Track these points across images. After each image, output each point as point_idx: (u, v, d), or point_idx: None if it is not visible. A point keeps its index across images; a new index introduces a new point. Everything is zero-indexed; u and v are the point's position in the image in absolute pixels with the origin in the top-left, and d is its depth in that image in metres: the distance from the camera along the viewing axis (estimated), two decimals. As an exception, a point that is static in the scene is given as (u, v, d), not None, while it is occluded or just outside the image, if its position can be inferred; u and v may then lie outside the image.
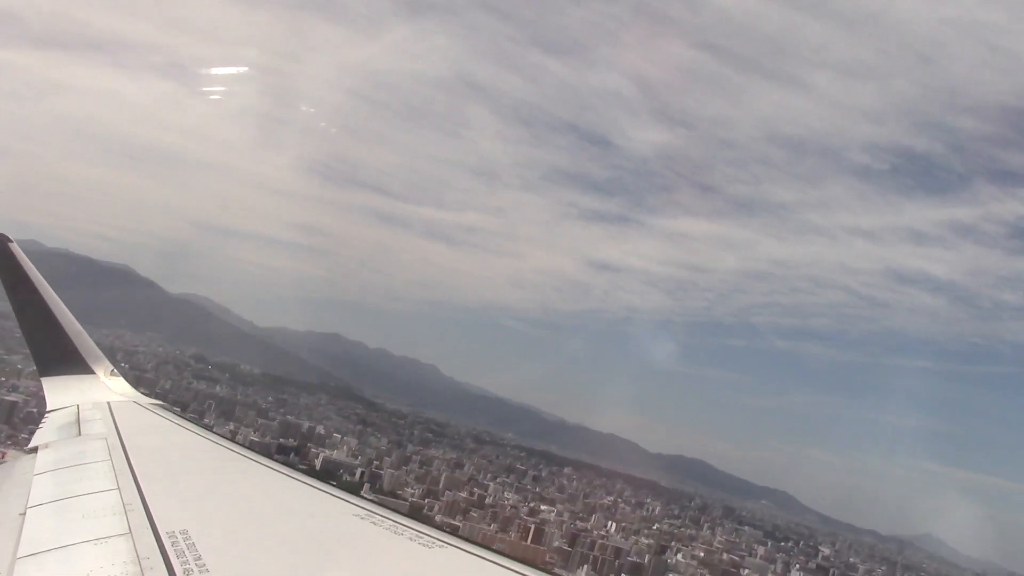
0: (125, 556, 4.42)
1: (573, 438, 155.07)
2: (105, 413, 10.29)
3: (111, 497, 5.85)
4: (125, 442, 8.23)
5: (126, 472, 6.74)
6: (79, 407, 10.73)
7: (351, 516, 5.53)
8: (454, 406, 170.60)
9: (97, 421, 9.79)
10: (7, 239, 12.18)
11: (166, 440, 9.61)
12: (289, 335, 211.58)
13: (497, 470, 72.55)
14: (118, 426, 9.35)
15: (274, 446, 58.65)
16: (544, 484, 71.45)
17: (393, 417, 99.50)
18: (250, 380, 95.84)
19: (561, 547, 51.79)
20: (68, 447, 8.40)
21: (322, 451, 63.27)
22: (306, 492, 6.52)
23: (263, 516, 5.83)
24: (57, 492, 6.36)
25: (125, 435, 8.70)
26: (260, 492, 6.79)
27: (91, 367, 12.35)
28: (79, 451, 7.98)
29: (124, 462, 7.20)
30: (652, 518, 65.62)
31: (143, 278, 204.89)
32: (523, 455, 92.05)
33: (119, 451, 7.76)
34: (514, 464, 77.76)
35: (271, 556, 4.62)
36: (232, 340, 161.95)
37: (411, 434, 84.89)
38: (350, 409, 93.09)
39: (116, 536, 4.81)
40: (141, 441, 8.75)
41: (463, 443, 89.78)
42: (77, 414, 10.30)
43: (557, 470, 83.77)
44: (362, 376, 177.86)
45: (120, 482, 6.32)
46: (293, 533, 5.24)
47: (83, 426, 9.55)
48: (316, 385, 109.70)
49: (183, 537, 4.63)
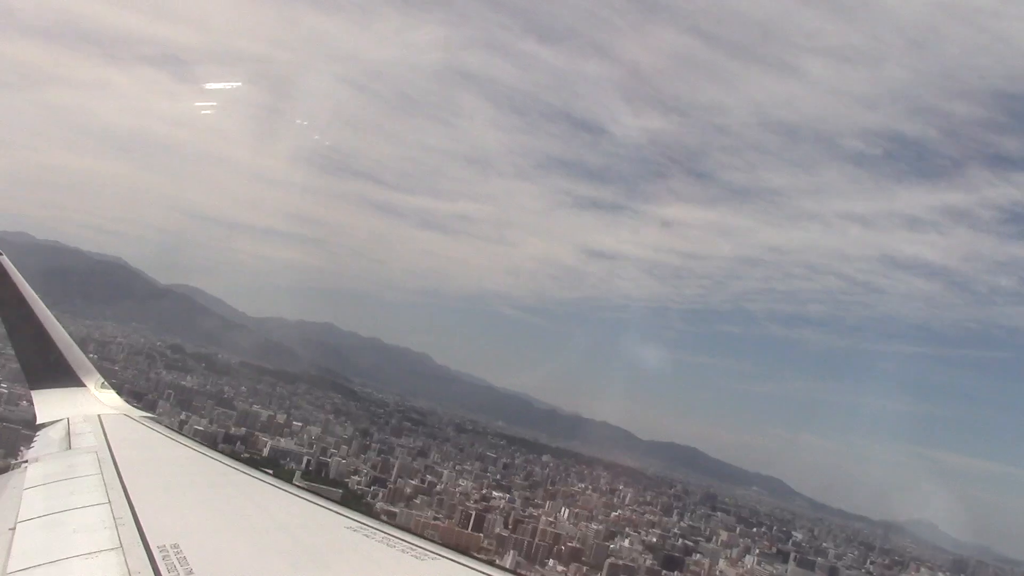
0: (116, 570, 4.44)
1: (564, 426, 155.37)
2: (95, 426, 10.32)
3: (101, 511, 5.86)
4: (116, 455, 8.28)
5: (116, 486, 6.76)
6: (69, 420, 10.76)
7: (343, 528, 5.59)
8: (445, 394, 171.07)
9: (88, 434, 9.82)
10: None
11: (157, 453, 9.66)
12: (282, 325, 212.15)
13: (465, 458, 72.69)
14: (108, 439, 9.40)
15: (220, 435, 58.45)
16: (514, 472, 71.62)
17: (373, 406, 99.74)
18: (226, 370, 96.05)
19: (500, 533, 51.68)
20: (58, 461, 8.44)
21: (271, 440, 63.22)
22: (298, 505, 6.59)
23: (255, 529, 5.85)
24: (47, 506, 6.38)
25: (116, 448, 8.75)
26: (252, 505, 6.82)
27: (81, 380, 12.37)
28: (69, 465, 8.00)
29: (115, 475, 7.23)
30: (616, 505, 65.67)
31: (134, 269, 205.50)
32: (502, 443, 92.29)
33: (109, 464, 7.78)
34: (485, 452, 77.83)
35: (263, 569, 4.65)
36: (219, 330, 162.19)
37: (386, 423, 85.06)
38: (327, 398, 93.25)
39: (107, 550, 4.81)
40: (132, 454, 8.79)
41: (442, 432, 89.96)
42: (68, 427, 10.34)
43: (534, 458, 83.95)
44: (352, 365, 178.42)
45: (111, 496, 6.35)
46: (285, 546, 5.27)
47: (73, 439, 9.59)
48: (298, 374, 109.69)
49: (174, 551, 4.65)
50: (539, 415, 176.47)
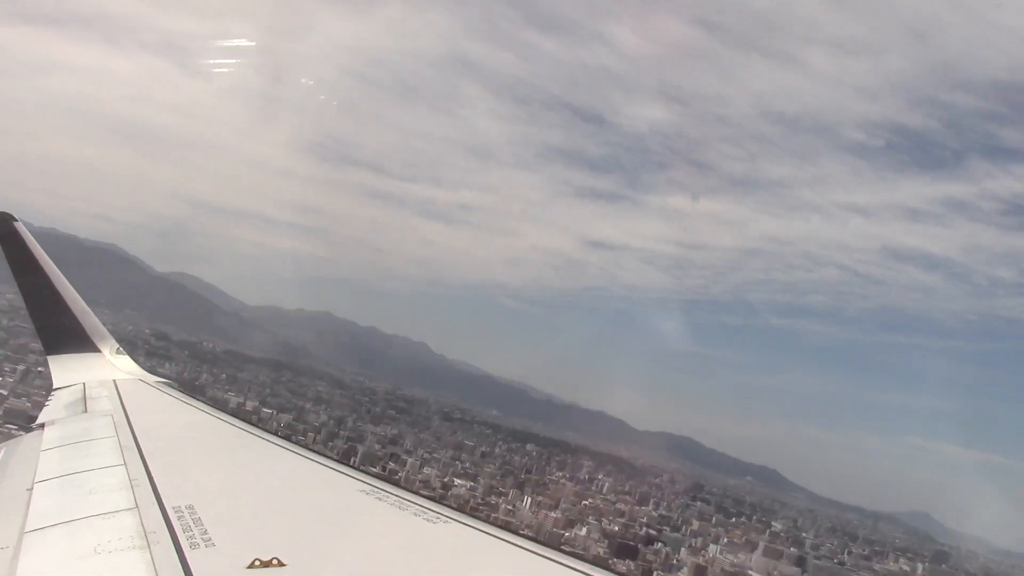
0: (131, 530, 4.52)
1: (559, 416, 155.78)
2: (111, 391, 10.59)
3: (117, 472, 6.00)
4: (131, 419, 8.45)
5: (132, 448, 6.92)
6: (85, 385, 11.07)
7: (356, 491, 5.64)
8: (440, 384, 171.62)
9: (103, 398, 10.08)
10: (12, 218, 12.57)
11: (172, 417, 9.89)
12: (279, 314, 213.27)
13: (440, 446, 72.90)
14: (124, 403, 9.62)
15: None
16: (490, 461, 71.77)
17: (359, 394, 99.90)
18: (210, 358, 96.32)
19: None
20: (74, 424, 8.64)
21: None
22: (311, 468, 6.66)
23: (268, 491, 5.95)
24: (64, 468, 6.54)
25: (131, 412, 8.94)
26: (266, 468, 6.93)
27: (97, 345, 12.69)
28: (85, 428, 8.22)
29: (130, 438, 7.39)
30: (588, 494, 65.86)
31: (130, 256, 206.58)
32: (488, 432, 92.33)
33: (125, 428, 7.98)
34: (464, 441, 77.96)
35: (276, 530, 4.69)
36: (212, 318, 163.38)
37: (367, 411, 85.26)
38: (310, 386, 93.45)
39: (123, 511, 4.92)
40: (147, 418, 8.94)
41: (426, 420, 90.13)
42: (83, 392, 10.62)
43: (517, 446, 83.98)
44: (347, 354, 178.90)
45: (126, 458, 6.50)
46: (298, 508, 5.35)
47: (89, 403, 9.84)
48: (284, 362, 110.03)
49: (189, 512, 4.74)
50: (535, 404, 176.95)
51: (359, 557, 4.35)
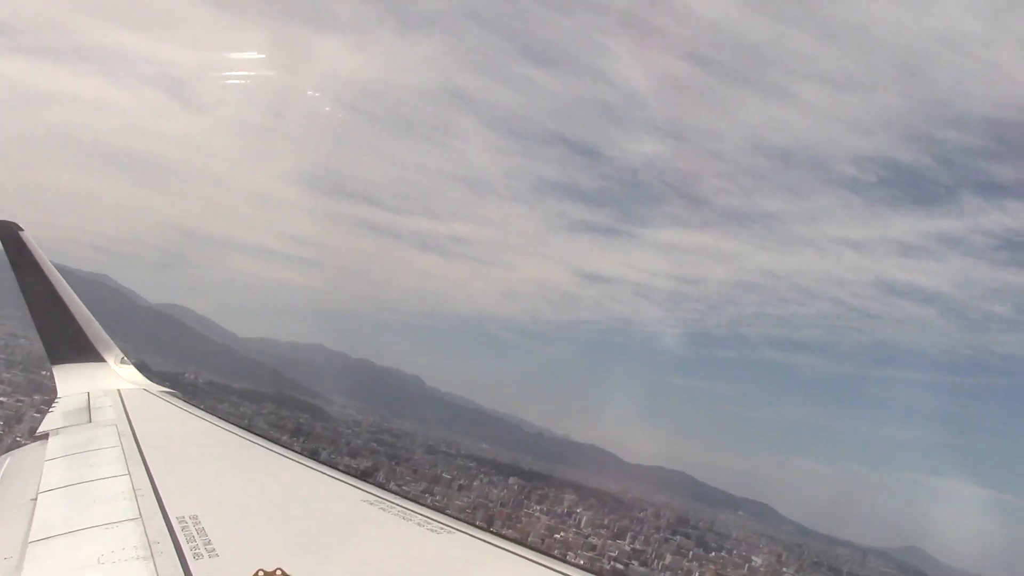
0: (135, 540, 4.56)
1: (550, 449, 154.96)
2: (115, 400, 10.59)
3: (122, 482, 6.02)
4: (135, 428, 8.48)
5: (136, 458, 6.93)
6: (89, 394, 11.05)
7: (360, 502, 5.70)
8: (432, 417, 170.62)
9: (107, 408, 10.05)
10: (17, 227, 12.72)
11: (176, 427, 9.93)
12: (270, 346, 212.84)
13: (416, 479, 72.57)
14: (128, 413, 9.60)
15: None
16: (466, 494, 71.32)
17: (342, 427, 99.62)
18: (190, 389, 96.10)
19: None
20: (78, 433, 8.62)
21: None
22: (316, 478, 6.71)
23: (273, 501, 5.97)
24: (68, 477, 6.53)
25: (135, 422, 8.96)
26: (270, 477, 6.97)
27: (101, 355, 12.75)
28: (89, 437, 8.19)
29: (134, 448, 7.41)
30: (562, 528, 65.38)
31: (122, 287, 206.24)
32: (471, 465, 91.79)
33: (129, 437, 7.99)
34: (441, 474, 77.55)
35: (281, 541, 4.75)
36: (201, 350, 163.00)
37: (348, 443, 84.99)
38: (291, 418, 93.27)
39: (126, 521, 4.95)
40: (151, 428, 9.02)
41: (407, 453, 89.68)
42: (87, 401, 10.60)
43: (499, 480, 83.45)
44: (337, 386, 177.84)
45: (131, 467, 6.52)
46: (303, 518, 5.40)
47: (93, 413, 9.80)
48: (267, 394, 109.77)
49: (193, 522, 4.77)
50: (527, 438, 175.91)
51: (363, 567, 4.38)
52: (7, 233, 12.64)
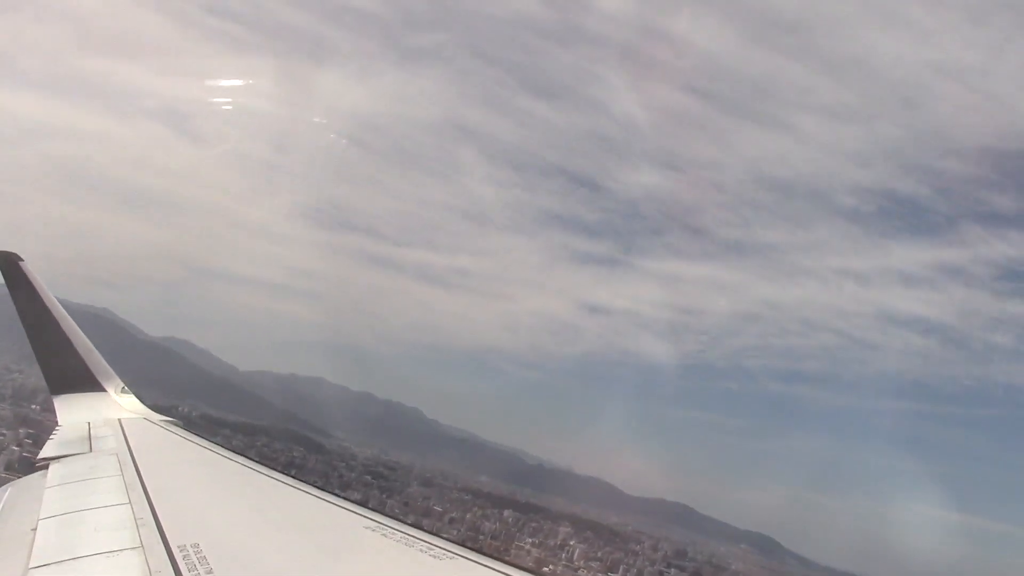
0: (136, 569, 4.58)
1: (550, 481, 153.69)
2: (116, 429, 10.54)
3: (122, 511, 6.02)
4: (136, 457, 8.45)
5: (137, 486, 6.93)
6: (90, 424, 10.98)
7: (362, 528, 5.72)
8: (431, 449, 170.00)
9: (108, 437, 10.02)
10: (17, 257, 12.71)
11: (177, 455, 9.89)
12: (270, 379, 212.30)
13: (406, 512, 72.07)
14: (129, 442, 9.56)
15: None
16: (456, 527, 70.87)
17: (337, 459, 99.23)
18: (184, 423, 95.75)
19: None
20: (79, 462, 8.62)
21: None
22: (317, 505, 6.72)
23: (274, 529, 6.01)
24: (68, 506, 6.54)
25: (136, 450, 8.92)
26: (271, 505, 7.00)
27: (102, 384, 12.67)
28: (90, 466, 8.23)
29: (135, 477, 7.39)
30: (553, 560, 64.92)
31: (122, 321, 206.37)
32: (466, 497, 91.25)
33: (130, 466, 7.97)
34: (432, 507, 77.12)
35: (282, 568, 4.79)
36: (198, 383, 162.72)
37: (340, 476, 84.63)
38: (285, 451, 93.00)
39: (127, 549, 4.96)
40: (152, 456, 8.99)
41: (401, 486, 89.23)
42: (88, 430, 10.54)
43: (493, 513, 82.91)
44: (335, 420, 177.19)
45: (131, 496, 6.50)
46: (304, 545, 5.45)
47: (94, 442, 9.78)
48: (262, 427, 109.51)
49: (194, 550, 4.78)
50: (526, 469, 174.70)
51: None
52: (7, 263, 12.66)
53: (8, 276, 12.60)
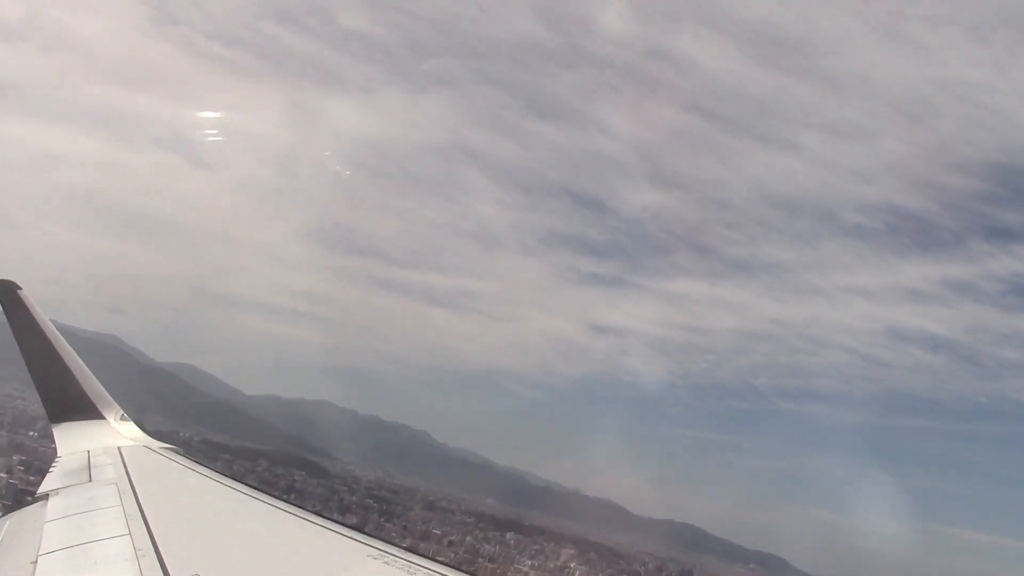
0: None
1: (556, 503, 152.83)
2: (115, 458, 10.58)
3: (122, 543, 6.04)
4: (136, 487, 8.48)
5: (137, 517, 6.96)
6: (89, 452, 10.99)
7: (364, 556, 5.78)
8: (438, 472, 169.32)
9: (107, 466, 10.04)
10: (16, 286, 12.85)
11: (177, 484, 10.01)
12: (276, 403, 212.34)
13: (403, 535, 71.79)
14: (128, 471, 9.59)
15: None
16: (453, 549, 70.48)
17: (339, 483, 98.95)
18: (185, 448, 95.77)
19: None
20: (78, 493, 8.62)
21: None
22: (320, 533, 6.80)
23: (276, 558, 6.06)
24: (68, 539, 6.55)
25: (136, 480, 8.96)
26: (273, 533, 7.07)
27: (101, 412, 12.75)
28: (90, 497, 8.22)
29: (135, 507, 7.42)
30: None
31: (128, 347, 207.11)
32: (469, 520, 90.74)
33: (130, 496, 8.00)
34: (431, 530, 76.69)
35: None
36: (202, 408, 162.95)
37: (340, 500, 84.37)
38: (286, 476, 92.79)
39: None
40: (152, 485, 9.07)
41: (403, 510, 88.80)
42: (87, 459, 10.54)
43: (495, 535, 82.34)
44: (342, 443, 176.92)
45: (131, 527, 6.53)
46: (306, 575, 5.52)
47: (93, 471, 9.78)
48: (263, 451, 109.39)
49: None
50: (534, 492, 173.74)
51: None
52: (5, 292, 12.74)
53: (6, 304, 12.69)
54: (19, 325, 12.58)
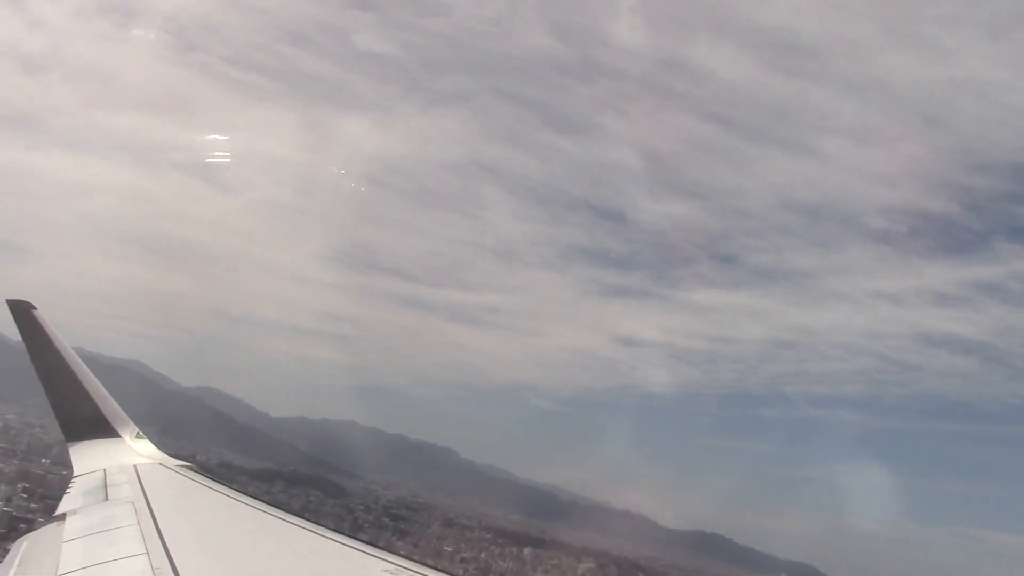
0: None
1: (583, 516, 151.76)
2: (132, 476, 10.74)
3: (140, 562, 6.16)
4: (152, 505, 8.64)
5: (154, 535, 7.10)
6: (106, 471, 11.18)
7: (380, 572, 5.93)
8: (464, 489, 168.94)
9: (124, 485, 10.19)
10: (31, 306, 13.16)
11: (193, 502, 10.18)
12: (302, 424, 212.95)
13: (411, 552, 71.65)
14: (145, 489, 9.75)
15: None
16: (464, 565, 70.28)
17: (356, 502, 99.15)
18: (201, 471, 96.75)
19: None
20: (95, 512, 8.75)
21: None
22: (336, 549, 6.99)
23: (292, 574, 6.23)
24: (86, 559, 6.66)
25: (152, 498, 9.12)
26: (288, 550, 7.20)
27: (117, 431, 12.97)
28: (107, 516, 8.34)
29: (152, 526, 7.55)
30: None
31: (153, 372, 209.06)
32: (488, 536, 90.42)
33: (147, 515, 8.13)
34: (443, 547, 76.56)
35: None
36: (227, 431, 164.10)
37: (355, 519, 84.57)
38: (302, 496, 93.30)
39: None
40: (169, 504, 9.20)
41: (420, 528, 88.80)
42: (104, 478, 10.75)
43: (513, 551, 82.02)
44: (367, 463, 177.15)
45: (149, 546, 6.64)
46: None
47: (110, 490, 9.95)
48: (280, 472, 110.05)
49: None
50: (560, 506, 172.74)
51: None
52: (21, 312, 12.96)
53: (21, 324, 12.90)
54: (34, 344, 12.79)
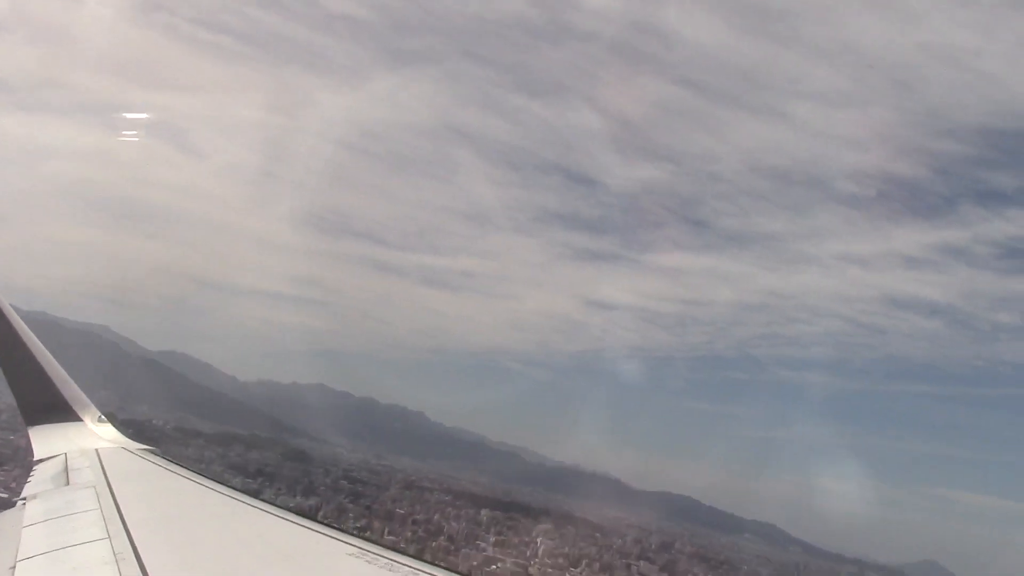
0: None
1: (553, 479, 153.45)
2: (93, 460, 10.62)
3: (102, 547, 6.05)
4: (114, 490, 8.51)
5: (116, 520, 6.98)
6: (67, 455, 11.08)
7: (344, 555, 5.86)
8: (432, 452, 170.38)
9: (85, 469, 10.09)
10: None
11: (156, 486, 10.00)
12: (271, 388, 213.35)
13: (365, 515, 71.89)
14: (107, 473, 9.65)
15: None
16: (415, 527, 70.46)
17: (314, 466, 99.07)
18: (157, 435, 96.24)
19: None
20: (56, 497, 8.66)
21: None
22: (299, 533, 6.86)
23: (257, 560, 6.06)
24: (47, 544, 6.56)
25: (114, 482, 9.01)
26: (254, 535, 7.08)
27: (78, 414, 12.75)
28: (68, 501, 8.23)
29: (114, 510, 7.44)
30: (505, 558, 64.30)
31: (119, 336, 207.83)
32: (446, 499, 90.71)
33: (108, 499, 8.02)
34: (395, 510, 76.69)
35: None
36: (191, 395, 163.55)
37: (309, 482, 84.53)
38: (258, 459, 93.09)
39: None
40: (131, 488, 9.04)
41: (376, 490, 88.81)
42: (65, 463, 10.62)
43: (470, 513, 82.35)
44: (333, 426, 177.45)
45: (110, 531, 6.54)
46: (287, 575, 5.53)
47: (71, 475, 9.85)
48: (241, 436, 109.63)
49: None
50: (530, 469, 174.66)
51: None
52: None
53: None
54: None
